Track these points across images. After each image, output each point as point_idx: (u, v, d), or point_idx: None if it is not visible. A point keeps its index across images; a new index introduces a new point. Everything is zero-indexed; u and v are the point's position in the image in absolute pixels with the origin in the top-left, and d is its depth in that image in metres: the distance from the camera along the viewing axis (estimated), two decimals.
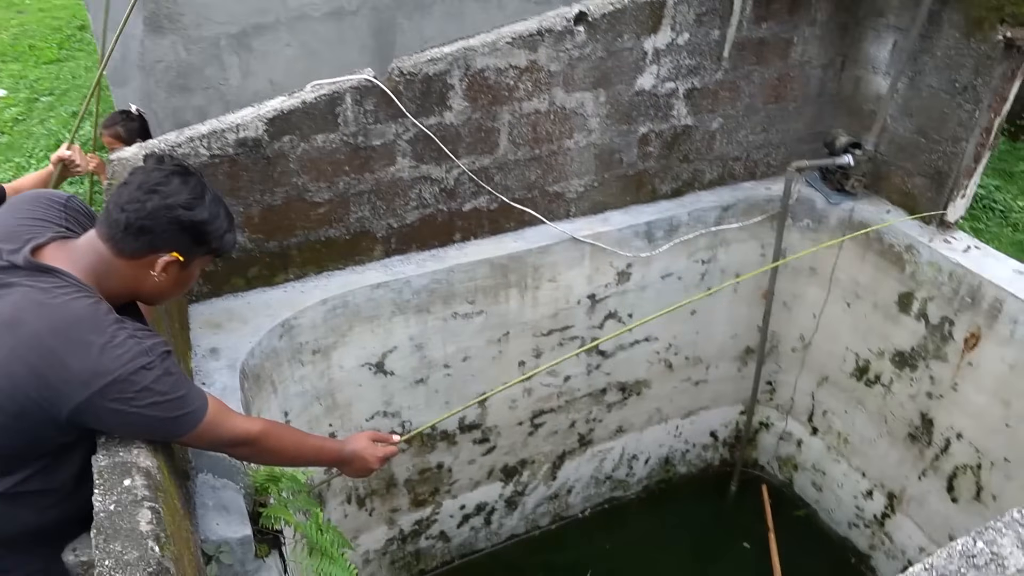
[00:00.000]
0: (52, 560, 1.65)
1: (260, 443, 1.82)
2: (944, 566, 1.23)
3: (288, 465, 2.09)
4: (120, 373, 1.47)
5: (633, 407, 4.32)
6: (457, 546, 4.24)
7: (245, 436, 1.78)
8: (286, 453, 1.93)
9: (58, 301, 1.50)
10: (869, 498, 4.03)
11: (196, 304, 3.07)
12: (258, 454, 1.88)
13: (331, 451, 2.09)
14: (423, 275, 3.30)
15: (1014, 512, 1.33)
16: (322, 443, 2.11)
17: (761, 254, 4.07)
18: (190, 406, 1.62)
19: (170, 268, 1.65)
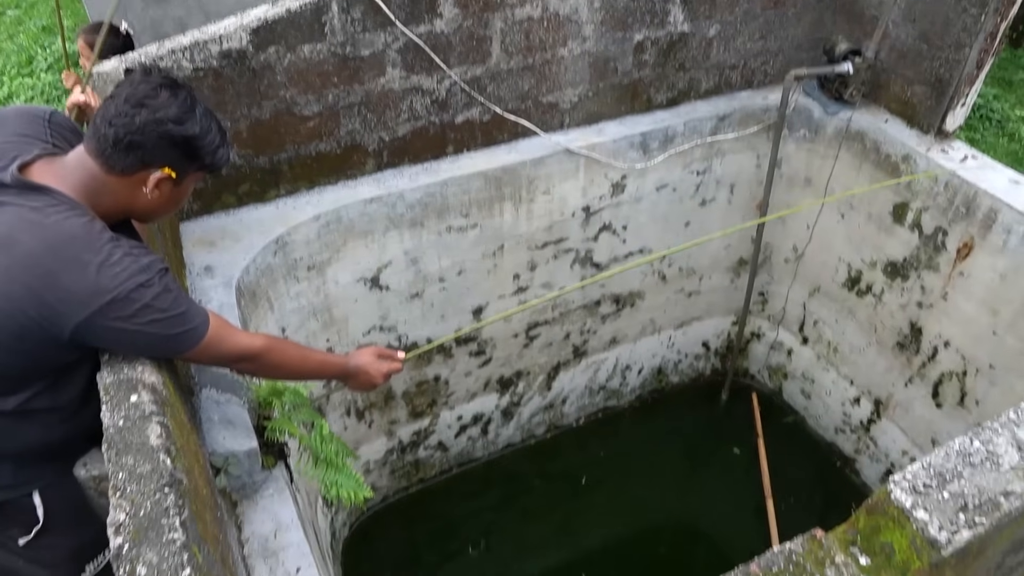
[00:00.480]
0: (63, 474, 1.68)
1: (263, 358, 1.81)
2: (942, 464, 1.27)
3: (292, 379, 2.07)
4: (119, 292, 1.46)
5: (627, 318, 4.37)
6: (455, 455, 4.35)
7: (248, 351, 1.77)
8: (290, 367, 1.92)
9: (51, 220, 1.47)
10: (856, 405, 4.13)
11: (187, 222, 3.04)
12: (262, 369, 1.88)
13: (335, 365, 2.09)
14: (416, 189, 3.27)
15: (1010, 413, 1.36)
16: (326, 357, 2.12)
17: (757, 165, 4.04)
18: (191, 322, 1.61)
19: (163, 185, 1.61)
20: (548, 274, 3.87)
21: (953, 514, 1.18)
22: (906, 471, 1.27)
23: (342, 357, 2.12)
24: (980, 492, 1.21)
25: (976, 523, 1.15)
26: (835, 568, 1.12)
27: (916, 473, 1.25)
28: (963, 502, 1.19)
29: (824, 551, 1.15)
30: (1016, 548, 1.37)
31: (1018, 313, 3.15)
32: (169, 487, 1.32)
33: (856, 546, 1.17)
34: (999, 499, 1.19)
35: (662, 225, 4.04)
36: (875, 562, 1.14)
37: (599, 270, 4.02)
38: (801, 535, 1.18)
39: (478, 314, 3.80)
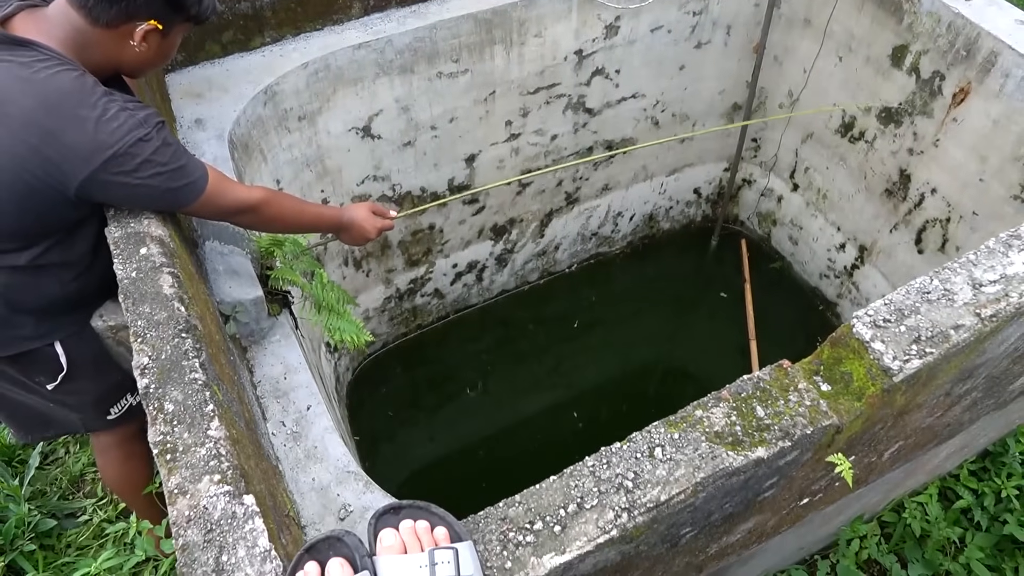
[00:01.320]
0: (82, 325, 1.77)
1: (262, 210, 1.84)
2: (902, 300, 1.35)
3: (289, 231, 2.10)
4: (119, 147, 1.48)
5: (619, 165, 4.37)
6: (451, 302, 4.49)
7: (246, 203, 1.80)
8: (287, 219, 1.95)
9: (42, 76, 1.46)
10: (841, 251, 4.23)
11: (172, 74, 2.97)
12: (261, 221, 1.92)
13: (330, 217, 2.12)
14: (405, 33, 3.18)
15: (969, 254, 1.44)
16: (321, 210, 2.13)
17: (755, 4, 3.90)
18: (192, 175, 1.63)
19: (150, 37, 1.59)
20: (540, 120, 3.84)
21: (907, 345, 1.28)
22: (869, 307, 1.36)
23: (337, 210, 2.15)
24: (933, 326, 1.30)
25: (926, 353, 1.25)
26: (797, 393, 1.22)
27: (878, 309, 1.34)
28: (917, 335, 1.29)
29: (789, 379, 1.25)
30: (964, 378, 1.48)
31: (1006, 159, 3.17)
32: (186, 332, 1.40)
33: (819, 375, 1.27)
34: (949, 332, 1.29)
35: (656, 69, 3.96)
36: (835, 388, 1.25)
37: (591, 116, 3.98)
38: (770, 365, 1.28)
39: (471, 162, 3.80)
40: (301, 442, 2.00)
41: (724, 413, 1.18)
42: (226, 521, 1.15)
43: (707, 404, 1.20)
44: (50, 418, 2.01)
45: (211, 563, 1.11)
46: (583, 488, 1.10)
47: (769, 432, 1.14)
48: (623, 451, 1.15)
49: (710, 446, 1.13)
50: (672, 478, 1.10)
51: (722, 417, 1.17)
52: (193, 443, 1.26)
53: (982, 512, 2.73)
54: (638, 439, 1.15)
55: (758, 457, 1.12)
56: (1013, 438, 2.84)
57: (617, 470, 1.12)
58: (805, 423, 1.16)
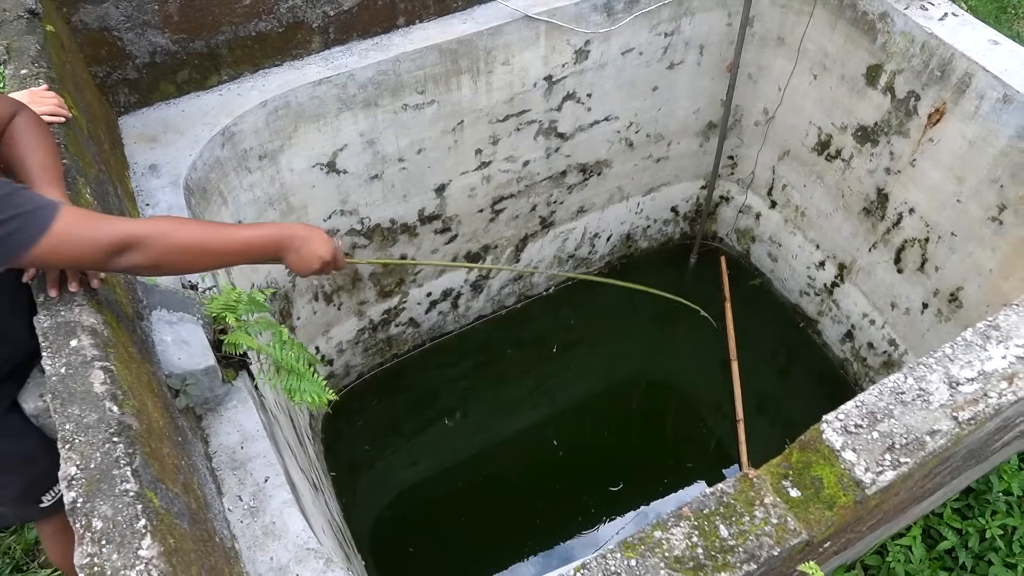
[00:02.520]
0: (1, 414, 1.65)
1: (149, 245, 1.44)
2: (874, 403, 1.29)
3: (204, 266, 1.62)
4: None
5: (594, 187, 4.30)
6: (427, 330, 4.41)
7: (123, 239, 1.41)
8: (193, 250, 1.51)
9: None
10: (821, 268, 4.18)
11: (126, 116, 2.88)
12: (154, 261, 1.47)
13: (263, 237, 1.62)
14: (367, 67, 3.10)
15: (946, 348, 1.37)
16: (246, 231, 1.64)
17: (727, 23, 3.84)
18: (19, 208, 1.33)
19: None
20: (511, 147, 3.76)
21: (880, 455, 1.21)
22: (840, 410, 1.29)
23: (273, 226, 1.67)
24: (908, 431, 1.23)
25: (900, 463, 1.19)
26: (764, 508, 1.15)
27: (849, 413, 1.27)
28: (890, 442, 1.22)
29: (755, 491, 1.18)
30: (943, 463, 1.42)
31: (983, 181, 3.13)
32: (118, 436, 1.32)
33: (788, 479, 1.20)
34: (925, 438, 1.22)
35: (628, 91, 3.89)
36: (804, 495, 1.18)
37: (563, 140, 3.91)
38: (733, 477, 1.21)
39: (441, 192, 3.72)
40: (259, 517, 1.92)
41: (685, 534, 1.11)
42: None
43: (667, 524, 1.13)
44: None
45: None
46: None
47: (733, 555, 1.08)
48: None
49: (669, 574, 1.06)
50: None
51: (683, 539, 1.10)
52: (122, 565, 1.18)
53: (966, 552, 2.68)
54: (593, 566, 1.08)
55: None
56: (996, 475, 2.79)
57: None
58: (771, 543, 1.09)
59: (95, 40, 2.66)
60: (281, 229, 1.65)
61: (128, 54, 2.76)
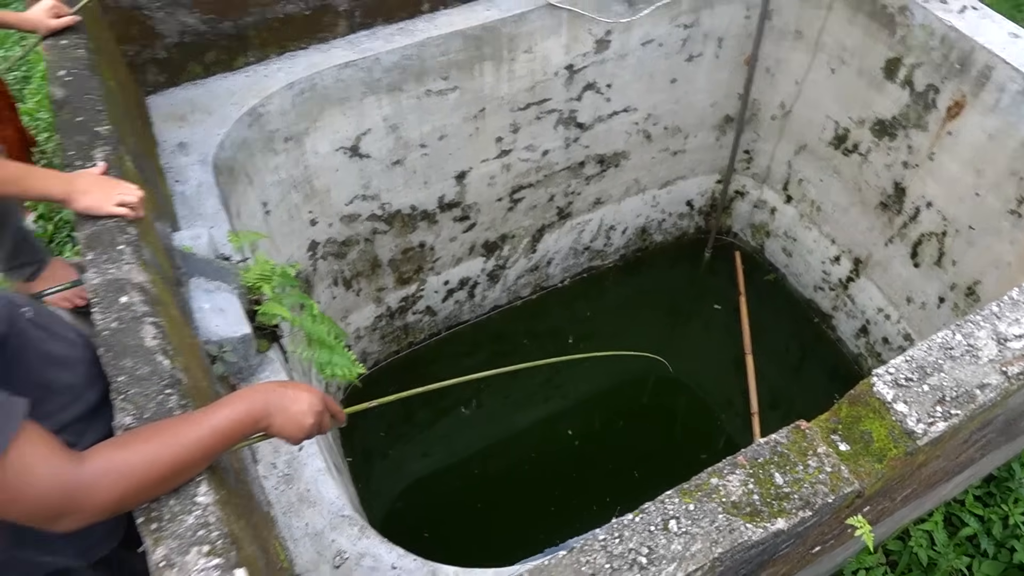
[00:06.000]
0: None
1: (92, 498, 1.07)
2: (924, 357, 1.30)
3: (183, 478, 1.21)
4: None
5: (611, 179, 4.32)
6: (443, 319, 4.42)
7: (60, 499, 1.04)
8: (156, 474, 1.13)
9: None
10: (836, 263, 4.20)
11: (154, 95, 2.91)
12: (108, 511, 1.10)
13: (231, 417, 1.22)
14: (393, 51, 3.12)
15: (992, 306, 1.38)
16: (207, 415, 1.21)
17: (747, 16, 3.86)
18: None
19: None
20: (531, 136, 3.78)
21: (931, 407, 1.22)
22: (889, 364, 1.30)
23: (237, 397, 1.26)
24: (958, 385, 1.25)
25: (951, 415, 1.20)
26: (817, 458, 1.17)
27: (899, 367, 1.29)
28: (941, 395, 1.24)
29: (807, 442, 1.20)
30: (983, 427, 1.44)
31: (1002, 174, 3.14)
32: (170, 388, 1.33)
33: (837, 434, 1.21)
34: (975, 391, 1.24)
35: (647, 83, 3.91)
36: (854, 449, 1.19)
37: (583, 131, 3.93)
38: (786, 427, 1.22)
39: (461, 179, 3.74)
40: (293, 485, 1.94)
41: (741, 481, 1.12)
42: None
43: (723, 471, 1.15)
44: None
45: None
46: (595, 564, 1.04)
47: (789, 501, 1.09)
48: (636, 523, 1.09)
49: (727, 518, 1.07)
50: (688, 553, 1.04)
51: (739, 485, 1.12)
52: (180, 511, 1.20)
53: (988, 539, 2.69)
54: (651, 510, 1.10)
55: (778, 529, 1.06)
56: (1019, 463, 2.80)
57: (630, 544, 1.06)
58: (826, 491, 1.11)
59: (126, 19, 2.69)
60: (252, 396, 1.28)
61: (158, 33, 2.79)
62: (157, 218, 1.97)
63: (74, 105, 1.87)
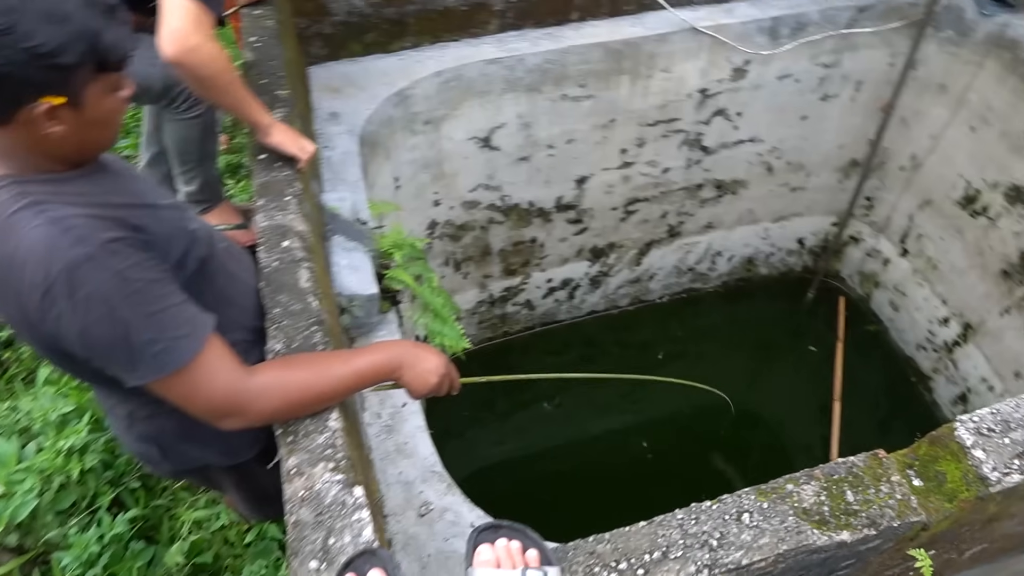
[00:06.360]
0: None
1: (257, 407, 1.29)
2: (1010, 413, 1.35)
3: (320, 407, 1.39)
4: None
5: (726, 205, 4.36)
6: (540, 315, 4.57)
7: (230, 404, 1.27)
8: (306, 399, 1.35)
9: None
10: (944, 325, 4.11)
11: (315, 67, 3.16)
12: (266, 420, 1.34)
13: (375, 362, 1.43)
14: (537, 54, 3.28)
15: None
16: (356, 356, 1.43)
17: (890, 63, 3.84)
18: (168, 332, 1.19)
19: (60, 115, 1.13)
20: (655, 152, 3.88)
21: (1009, 458, 1.27)
22: (974, 414, 1.36)
23: (382, 346, 1.49)
24: None
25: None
26: (889, 484, 1.24)
27: (983, 417, 1.34)
28: (1021, 450, 1.28)
29: (883, 469, 1.27)
30: None
31: None
32: (317, 324, 1.52)
33: (913, 469, 1.28)
34: None
35: (777, 116, 3.94)
36: (927, 485, 1.26)
37: (706, 154, 4.00)
38: (865, 453, 1.30)
39: (581, 183, 3.87)
40: (393, 436, 2.12)
41: (815, 491, 1.21)
42: (337, 508, 1.25)
43: (799, 480, 1.24)
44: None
45: (319, 543, 1.22)
46: (670, 538, 1.16)
47: (856, 518, 1.17)
48: (712, 510, 1.20)
49: (797, 521, 1.17)
50: (756, 545, 1.14)
51: (812, 495, 1.21)
52: (314, 429, 1.38)
53: None
54: (728, 501, 1.20)
55: (841, 540, 1.15)
56: None
57: (704, 527, 1.17)
58: (893, 515, 1.18)
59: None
60: (392, 349, 1.48)
61: (328, 11, 3.04)
62: (312, 177, 2.19)
63: (260, 69, 2.11)
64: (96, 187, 1.21)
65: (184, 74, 1.72)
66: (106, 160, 1.30)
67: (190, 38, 1.66)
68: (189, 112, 2.60)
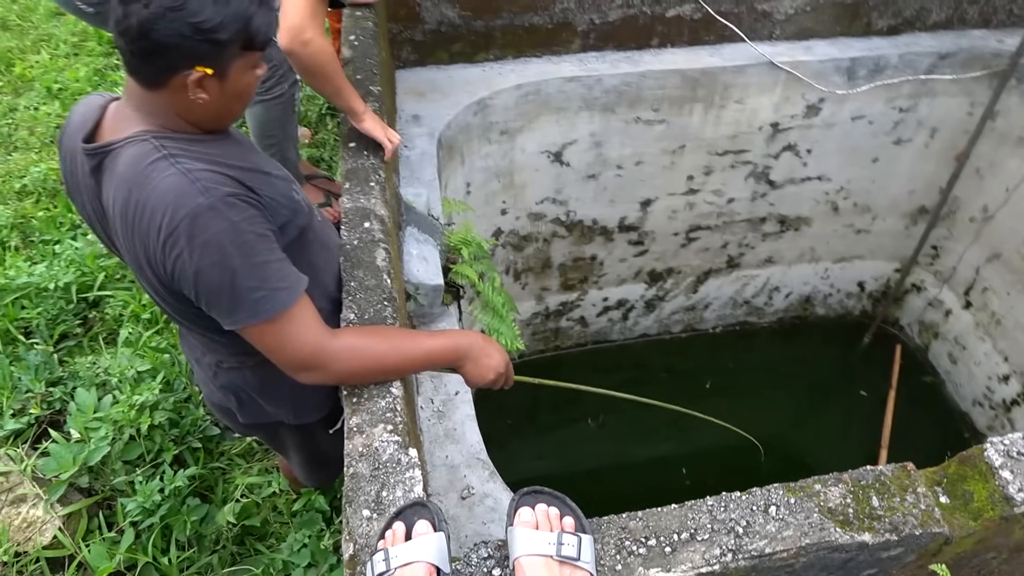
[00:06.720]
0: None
1: (336, 366, 1.42)
2: None
3: (390, 378, 1.52)
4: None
5: (788, 241, 4.38)
6: (592, 332, 4.64)
7: (313, 357, 1.39)
8: (380, 367, 1.48)
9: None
10: (1004, 383, 4.04)
11: (402, 70, 3.32)
12: (341, 380, 1.48)
13: (445, 346, 1.56)
14: (615, 75, 3.38)
15: None
16: (429, 338, 1.57)
17: (968, 112, 3.83)
18: (272, 282, 1.33)
19: (206, 84, 1.28)
20: (721, 182, 3.94)
21: None
22: (1006, 437, 1.39)
23: (454, 333, 1.67)
24: None
25: None
26: (915, 495, 1.28)
27: (1015, 441, 1.38)
28: None
29: (910, 480, 1.32)
30: None
31: None
32: (388, 301, 1.64)
33: (940, 486, 1.32)
34: None
35: (848, 156, 3.96)
36: (953, 503, 1.30)
37: (772, 188, 4.04)
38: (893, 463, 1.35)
39: (646, 206, 3.95)
40: (444, 421, 2.22)
41: (841, 493, 1.27)
42: (392, 464, 1.36)
43: (827, 481, 1.30)
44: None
45: (373, 494, 1.32)
46: (698, 522, 1.23)
47: (879, 522, 1.22)
48: (741, 500, 1.26)
49: (821, 518, 1.22)
50: (780, 536, 1.20)
51: (838, 496, 1.26)
52: (377, 394, 1.49)
53: None
54: (757, 493, 1.27)
55: (863, 541, 1.20)
56: None
57: (732, 515, 1.23)
58: (915, 524, 1.22)
59: (400, 2, 3.11)
60: (461, 339, 1.59)
61: (421, 19, 3.20)
62: (393, 170, 2.33)
63: (356, 65, 2.27)
64: (222, 151, 1.35)
65: (295, 63, 1.91)
66: (232, 131, 1.46)
67: (305, 31, 1.84)
68: (271, 93, 2.80)
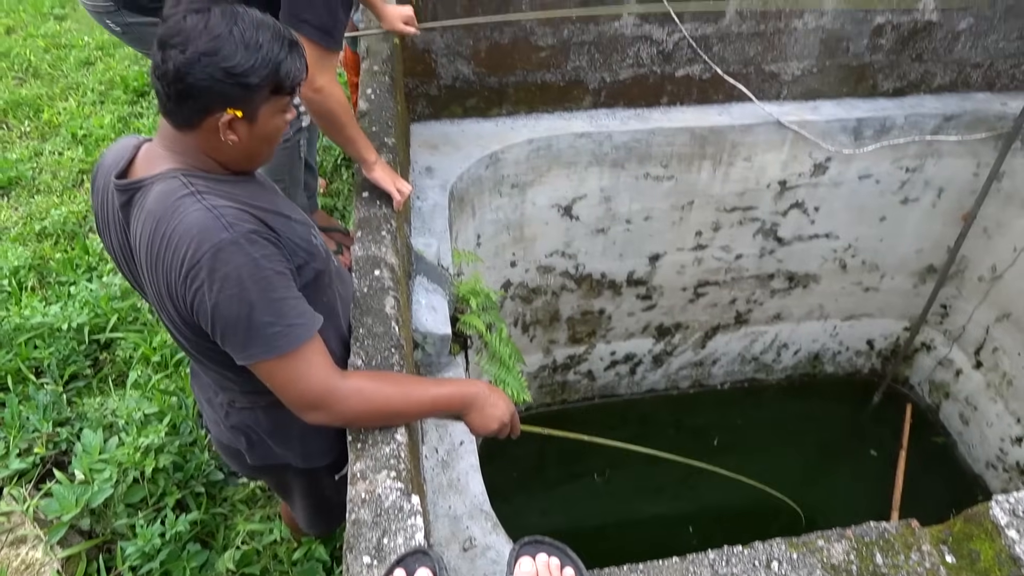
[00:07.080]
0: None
1: (343, 408, 1.42)
2: None
3: (395, 423, 1.53)
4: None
5: (796, 298, 4.39)
6: (600, 386, 4.62)
7: (321, 397, 1.40)
8: (386, 412, 1.49)
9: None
10: (1017, 445, 3.99)
11: (417, 124, 3.40)
12: (348, 422, 1.48)
13: (450, 395, 1.56)
14: (625, 132, 3.44)
15: None
16: (435, 385, 1.57)
17: (974, 173, 3.87)
18: (288, 319, 1.35)
19: (236, 127, 1.34)
20: (729, 238, 3.96)
21: None
22: (1012, 495, 1.38)
23: (461, 382, 1.62)
24: None
25: None
26: (919, 553, 1.27)
27: (1020, 499, 1.36)
28: None
29: (915, 538, 1.30)
30: None
31: None
32: (396, 348, 1.65)
33: (946, 545, 1.30)
34: None
35: (856, 215, 3.99)
36: (959, 563, 1.28)
37: (780, 245, 4.06)
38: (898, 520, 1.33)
39: (654, 260, 3.97)
40: (448, 471, 2.21)
41: (844, 550, 1.25)
42: (394, 511, 1.35)
43: (830, 536, 1.28)
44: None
45: (374, 541, 1.31)
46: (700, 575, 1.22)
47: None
48: (743, 554, 1.25)
49: (824, 574, 1.21)
50: None
51: (841, 553, 1.25)
52: (381, 440, 1.49)
53: None
54: (759, 548, 1.25)
55: None
56: None
57: (734, 569, 1.22)
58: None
59: (416, 58, 3.20)
60: (467, 388, 1.60)
61: (437, 75, 3.28)
62: (405, 220, 2.37)
63: (372, 117, 2.32)
64: (247, 191, 1.41)
65: (311, 110, 1.95)
66: (257, 175, 1.52)
67: (316, 80, 1.89)
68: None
